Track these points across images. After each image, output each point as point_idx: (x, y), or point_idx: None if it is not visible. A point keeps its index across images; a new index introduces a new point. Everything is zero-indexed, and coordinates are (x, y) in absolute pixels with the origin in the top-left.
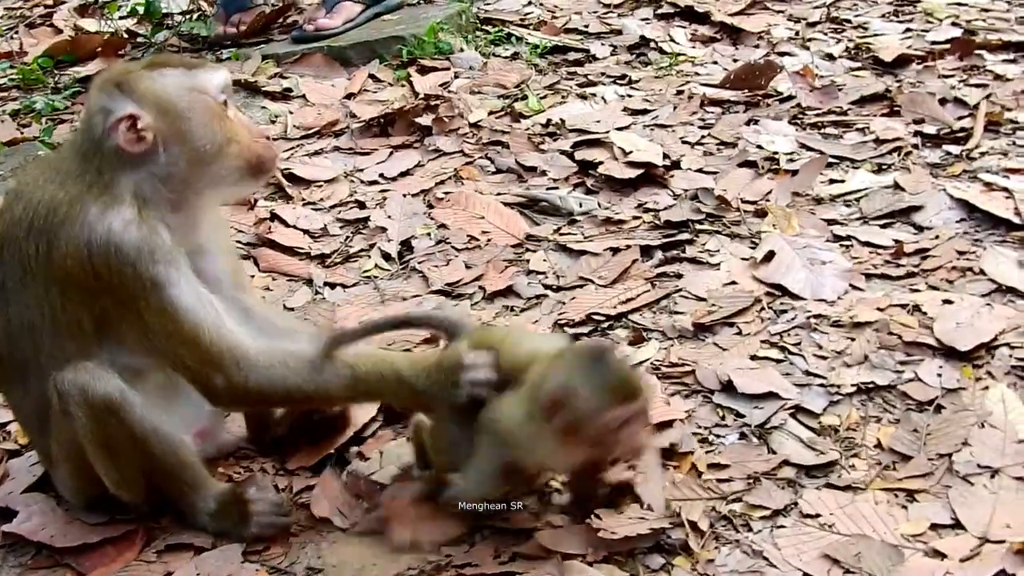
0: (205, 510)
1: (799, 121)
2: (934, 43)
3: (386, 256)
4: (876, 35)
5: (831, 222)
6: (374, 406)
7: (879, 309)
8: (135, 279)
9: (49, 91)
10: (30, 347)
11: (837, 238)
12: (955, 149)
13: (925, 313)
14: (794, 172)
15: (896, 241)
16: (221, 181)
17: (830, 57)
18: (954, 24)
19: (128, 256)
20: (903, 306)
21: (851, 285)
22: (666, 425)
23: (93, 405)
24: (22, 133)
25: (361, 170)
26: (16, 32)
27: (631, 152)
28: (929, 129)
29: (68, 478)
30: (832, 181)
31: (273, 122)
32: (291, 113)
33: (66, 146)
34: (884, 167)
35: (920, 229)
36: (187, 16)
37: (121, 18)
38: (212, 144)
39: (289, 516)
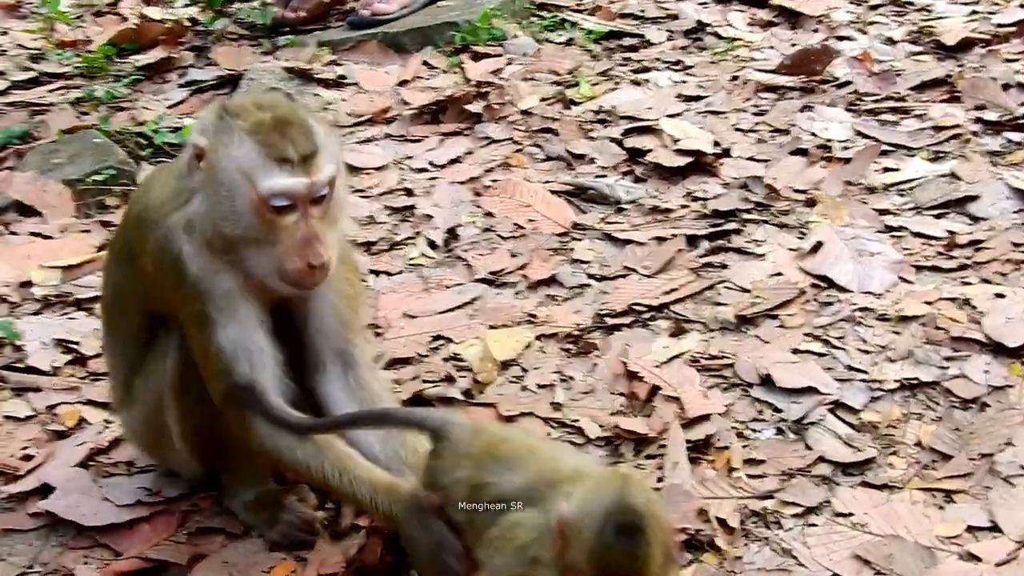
0: (243, 497)
1: (855, 108)
2: (1000, 26)
3: (432, 244)
4: (940, 18)
5: (883, 212)
6: None
7: (927, 303)
8: (189, 304)
9: (111, 79)
10: (120, 314)
11: (888, 229)
12: (1016, 136)
13: (975, 307)
14: (847, 160)
15: (949, 232)
16: (247, 265)
17: (891, 41)
18: (1022, 6)
19: (187, 281)
20: (952, 300)
21: (900, 277)
22: (703, 419)
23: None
24: (81, 120)
25: (410, 157)
26: (83, 20)
27: (681, 139)
28: (990, 116)
29: (141, 430)
30: (886, 169)
31: (325, 109)
32: (344, 100)
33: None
34: (941, 155)
35: (975, 220)
36: (246, 4)
37: (184, 6)
38: (234, 230)
39: (314, 536)
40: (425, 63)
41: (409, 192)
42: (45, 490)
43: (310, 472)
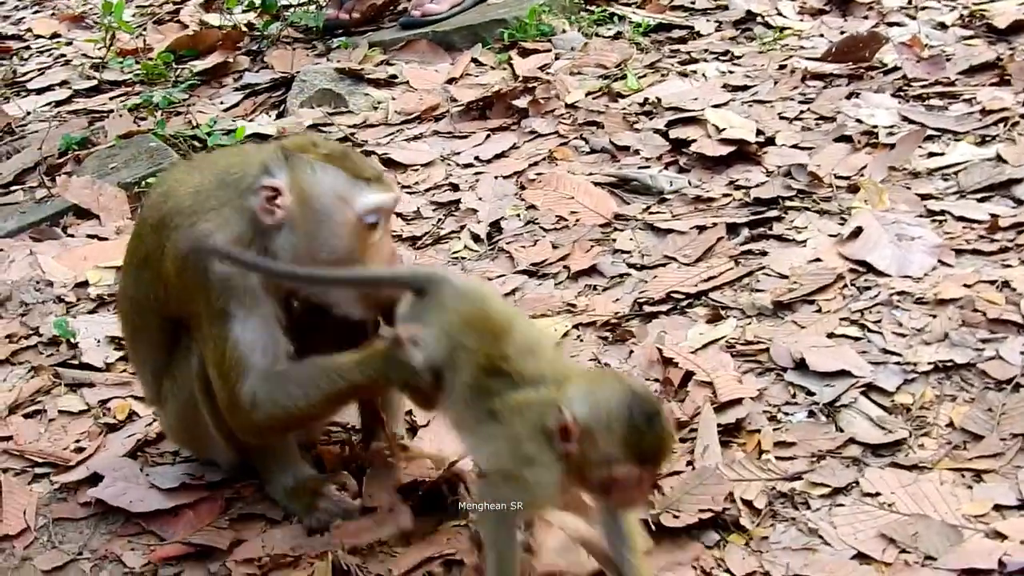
0: (283, 484)
1: (903, 93)
2: None
3: (475, 237)
4: (992, 0)
5: (925, 197)
6: None
7: (966, 286)
8: (210, 303)
9: (169, 85)
10: (139, 319)
11: (930, 213)
12: None
13: (1015, 289)
14: (892, 146)
15: (992, 215)
16: (333, 294)
17: (942, 26)
18: None
19: (211, 282)
20: (991, 282)
21: (940, 261)
22: (735, 403)
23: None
24: (138, 126)
25: (458, 153)
26: (144, 29)
27: (724, 129)
28: None
29: (177, 427)
30: (931, 154)
31: (375, 108)
32: (393, 99)
33: (222, 158)
34: (987, 139)
35: (1019, 203)
36: (299, 7)
37: (242, 11)
38: (332, 255)
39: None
40: (474, 60)
41: (455, 187)
42: (95, 479)
43: (310, 399)
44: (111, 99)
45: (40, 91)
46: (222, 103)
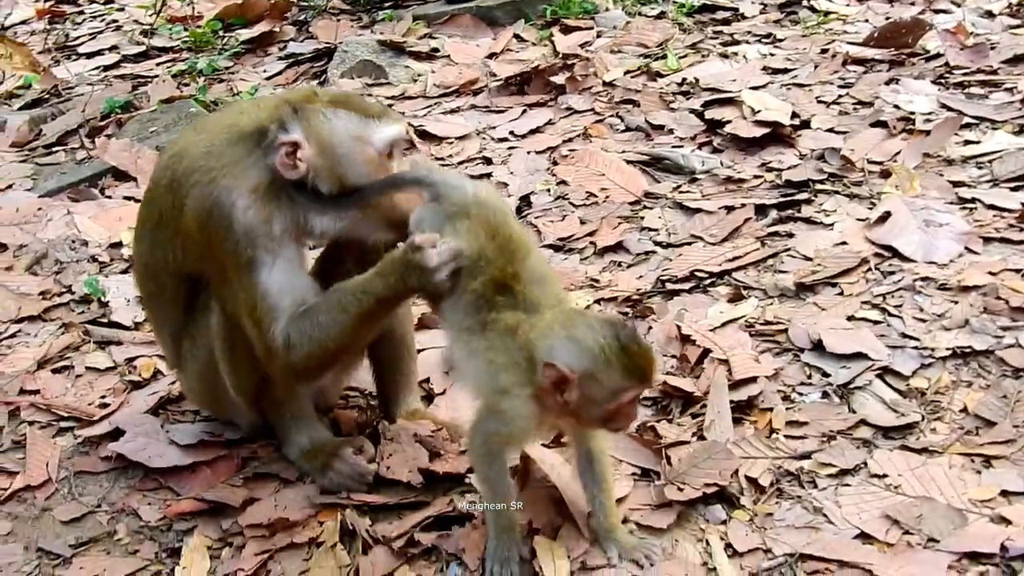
0: (298, 444)
1: (943, 80)
2: None
3: None
4: None
5: (958, 184)
6: None
7: (991, 273)
8: (236, 254)
9: (215, 52)
10: (155, 284)
11: (961, 200)
12: None
13: None
14: (927, 133)
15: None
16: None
17: (989, 14)
18: None
19: (236, 233)
20: (1017, 271)
21: (966, 248)
22: (750, 381)
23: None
24: (181, 91)
25: (493, 127)
26: None
27: (760, 111)
28: None
29: (198, 388)
30: (967, 142)
31: (415, 81)
32: (433, 72)
33: (227, 116)
34: None
35: None
36: None
37: None
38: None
39: (364, 487)
40: (516, 36)
41: (488, 160)
42: (117, 434)
43: (341, 326)
44: (158, 65)
45: (90, 55)
46: (265, 71)
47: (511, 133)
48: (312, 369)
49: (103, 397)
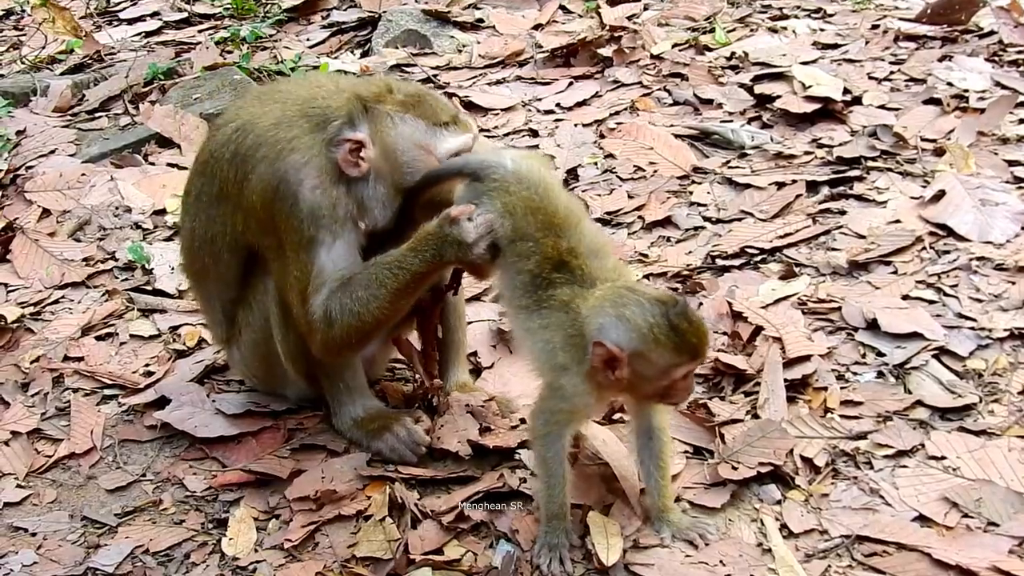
0: (351, 414)
1: (997, 58)
2: None
3: None
4: None
5: (1013, 163)
6: None
7: None
8: (298, 232)
9: (258, 20)
10: (210, 256)
11: (1017, 180)
12: None
13: None
14: (982, 111)
15: None
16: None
17: None
18: None
19: (301, 211)
20: None
21: (1023, 228)
22: (803, 360)
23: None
24: (224, 59)
25: (539, 99)
26: None
27: (811, 87)
28: None
29: (251, 358)
30: (1022, 121)
31: (460, 51)
32: (478, 43)
33: (297, 91)
34: None
35: None
36: None
37: None
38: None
39: (417, 457)
40: (562, 7)
41: (534, 133)
42: (162, 403)
43: (379, 299)
44: (200, 32)
45: (131, 21)
46: (308, 40)
47: (557, 105)
48: (351, 342)
49: (147, 365)
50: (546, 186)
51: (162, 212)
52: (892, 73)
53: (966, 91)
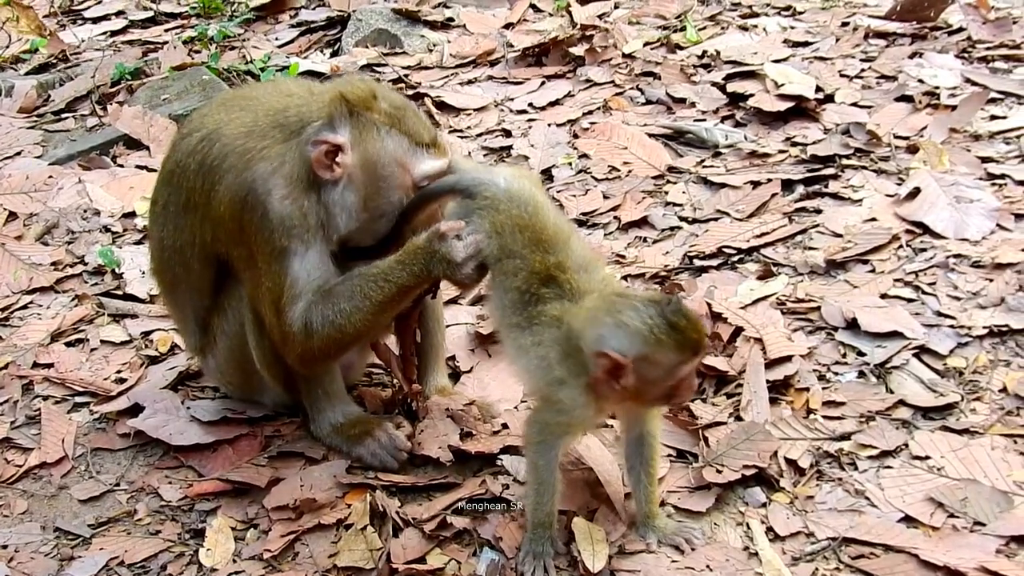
0: (330, 420)
1: (967, 55)
2: None
3: None
4: None
5: (986, 160)
6: None
7: None
8: (269, 242)
9: (225, 19)
10: (180, 266)
11: (990, 176)
12: None
13: None
14: (953, 107)
15: None
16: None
17: None
18: None
19: (271, 221)
20: None
21: (998, 225)
22: (784, 360)
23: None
24: (192, 58)
25: (511, 99)
26: None
27: (784, 84)
28: None
29: (226, 366)
30: (993, 117)
31: (431, 50)
32: (449, 42)
33: (268, 100)
34: None
35: None
36: None
37: None
38: (382, 212)
39: (399, 463)
40: (532, 6)
41: (507, 133)
42: (135, 410)
43: (362, 311)
44: (166, 31)
45: (96, 20)
46: (277, 39)
47: (530, 105)
48: (329, 354)
49: (119, 372)
50: (536, 205)
51: (131, 215)
52: (863, 71)
53: (937, 88)
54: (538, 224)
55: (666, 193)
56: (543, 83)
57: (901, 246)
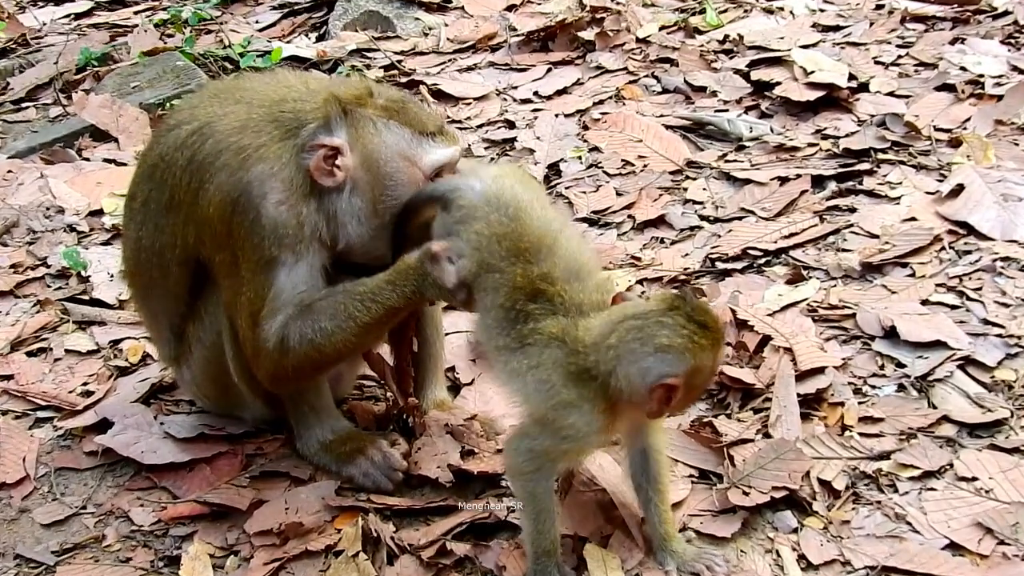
0: (318, 437)
1: (1013, 40)
2: None
3: None
4: None
5: None
6: None
7: None
8: (258, 250)
9: (200, 1)
10: (157, 269)
11: None
12: None
13: None
14: (999, 97)
15: None
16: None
17: None
18: None
19: (263, 227)
20: None
21: None
22: (816, 372)
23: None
24: (164, 43)
25: (515, 87)
26: None
27: (813, 72)
28: None
29: (202, 378)
30: None
31: (426, 34)
32: (446, 25)
33: (264, 91)
34: None
35: None
36: None
37: None
38: (394, 212)
39: (394, 485)
40: None
41: (511, 124)
42: (103, 426)
43: (345, 331)
44: (136, 13)
45: (59, 1)
46: (257, 22)
47: (535, 94)
48: (303, 374)
49: (85, 384)
50: (518, 206)
51: (99, 213)
52: (900, 57)
53: (981, 76)
54: (518, 230)
55: (685, 190)
56: (549, 70)
57: (943, 248)
